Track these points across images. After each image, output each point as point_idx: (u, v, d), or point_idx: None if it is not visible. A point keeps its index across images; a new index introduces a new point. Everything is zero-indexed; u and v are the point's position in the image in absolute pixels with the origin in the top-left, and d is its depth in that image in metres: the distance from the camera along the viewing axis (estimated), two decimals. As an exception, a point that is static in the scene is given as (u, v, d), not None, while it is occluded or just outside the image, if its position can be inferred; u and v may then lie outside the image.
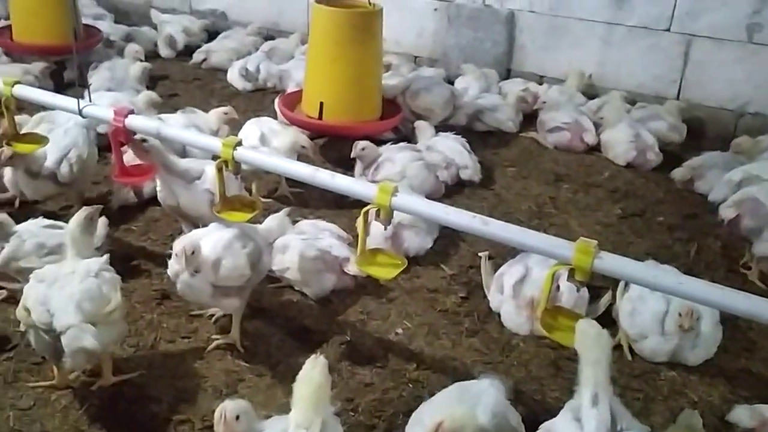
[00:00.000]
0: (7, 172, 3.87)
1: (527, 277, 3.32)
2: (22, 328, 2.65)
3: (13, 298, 3.21)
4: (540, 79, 6.32)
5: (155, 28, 7.37)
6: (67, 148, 3.90)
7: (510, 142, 5.49)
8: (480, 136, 5.44)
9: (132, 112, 3.37)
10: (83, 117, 3.55)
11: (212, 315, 3.27)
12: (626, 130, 5.18)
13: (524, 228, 2.51)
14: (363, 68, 4.84)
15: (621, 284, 3.27)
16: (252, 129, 4.31)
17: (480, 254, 3.66)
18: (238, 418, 2.22)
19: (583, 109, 5.63)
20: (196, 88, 6.36)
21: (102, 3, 7.98)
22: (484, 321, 3.39)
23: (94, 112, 3.49)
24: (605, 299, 3.39)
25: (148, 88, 5.78)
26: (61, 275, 2.62)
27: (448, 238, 3.94)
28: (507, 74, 6.46)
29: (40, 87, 5.10)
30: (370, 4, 4.84)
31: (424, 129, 4.96)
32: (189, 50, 7.06)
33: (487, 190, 4.72)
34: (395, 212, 2.61)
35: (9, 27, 6.22)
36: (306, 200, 4.31)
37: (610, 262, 2.27)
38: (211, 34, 7.40)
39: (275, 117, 4.99)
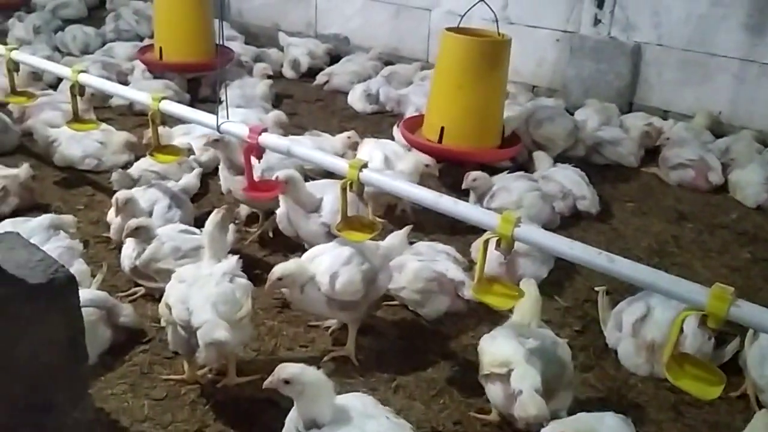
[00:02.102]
0: (116, 220, 3.77)
1: (648, 317, 3.21)
2: (162, 323, 2.85)
3: (150, 296, 3.45)
4: (664, 114, 6.14)
5: (282, 50, 7.73)
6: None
7: (630, 177, 5.35)
8: (598, 169, 5.33)
9: (265, 130, 3.57)
10: (220, 133, 3.79)
11: (329, 327, 3.38)
12: (758, 170, 4.94)
13: (653, 269, 2.45)
14: (487, 96, 4.87)
15: (750, 330, 3.10)
16: (375, 152, 4.42)
17: (597, 288, 3.59)
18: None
19: (710, 147, 5.41)
20: (318, 108, 6.59)
21: (234, 25, 8.48)
22: (600, 357, 3.31)
23: (231, 129, 3.72)
24: (732, 346, 3.22)
25: (273, 106, 6.07)
26: (200, 276, 2.80)
27: (563, 269, 3.88)
28: (629, 108, 6.31)
29: (178, 102, 5.49)
30: (499, 34, 4.88)
31: (542, 159, 4.93)
32: (312, 72, 7.33)
33: (604, 224, 4.62)
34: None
35: (152, 46, 6.74)
36: (422, 223, 4.35)
37: (749, 311, 2.18)
38: (334, 58, 7.67)
39: (393, 140, 5.11)
